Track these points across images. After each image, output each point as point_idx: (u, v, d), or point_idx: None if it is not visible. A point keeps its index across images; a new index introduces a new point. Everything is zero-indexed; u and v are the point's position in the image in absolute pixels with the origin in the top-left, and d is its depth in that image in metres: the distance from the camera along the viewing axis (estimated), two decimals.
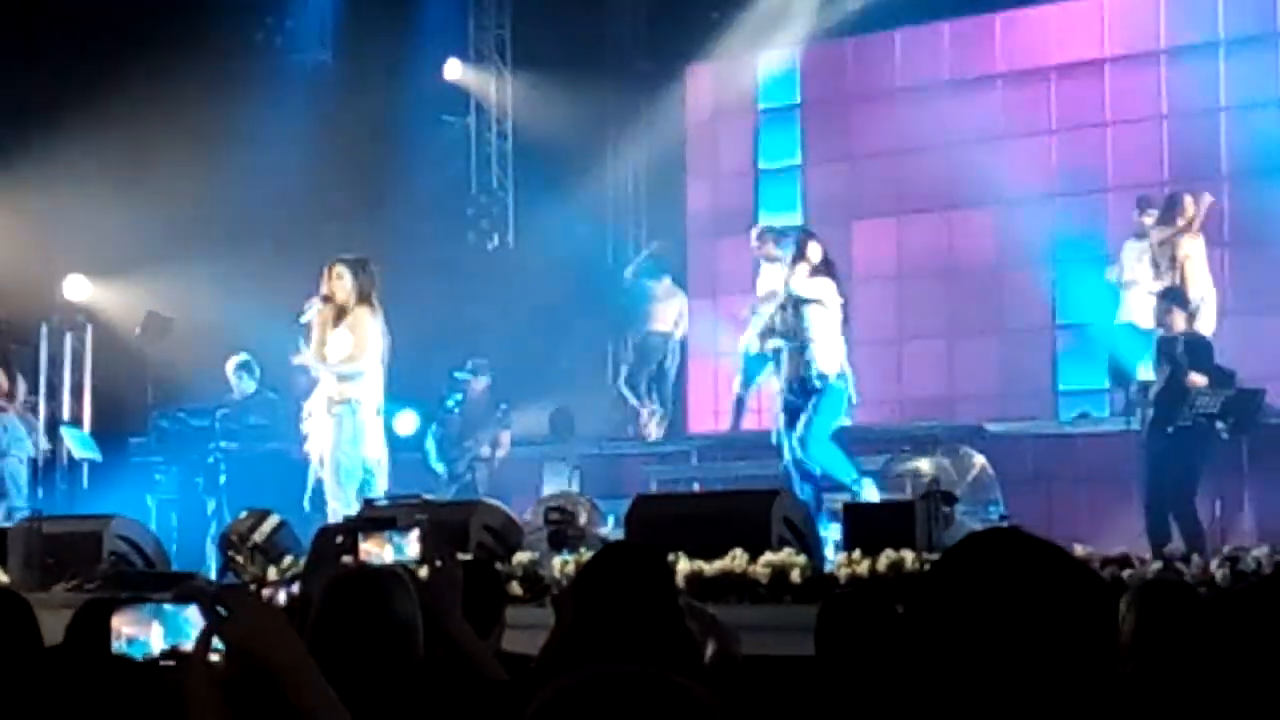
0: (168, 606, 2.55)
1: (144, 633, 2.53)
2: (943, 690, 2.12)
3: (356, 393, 10.94)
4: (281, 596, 5.73)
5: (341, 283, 11.01)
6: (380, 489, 10.93)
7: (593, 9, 16.91)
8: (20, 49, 14.26)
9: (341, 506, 10.62)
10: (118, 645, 2.52)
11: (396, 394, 11.43)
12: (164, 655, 2.49)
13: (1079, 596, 2.13)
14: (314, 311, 11.08)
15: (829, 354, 10.96)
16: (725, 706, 1.95)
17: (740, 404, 14.13)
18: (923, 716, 2.15)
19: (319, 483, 11.04)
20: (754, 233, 13.27)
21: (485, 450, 14.32)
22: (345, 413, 10.93)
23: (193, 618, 2.49)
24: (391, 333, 11.11)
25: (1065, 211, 14.63)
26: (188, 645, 2.46)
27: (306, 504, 11.17)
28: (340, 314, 11.02)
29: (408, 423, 14.43)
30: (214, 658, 2.41)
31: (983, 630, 2.11)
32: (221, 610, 2.42)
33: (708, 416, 15.70)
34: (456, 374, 14.59)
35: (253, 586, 8.79)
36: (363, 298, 10.99)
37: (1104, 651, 2.13)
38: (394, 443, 11.84)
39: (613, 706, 1.88)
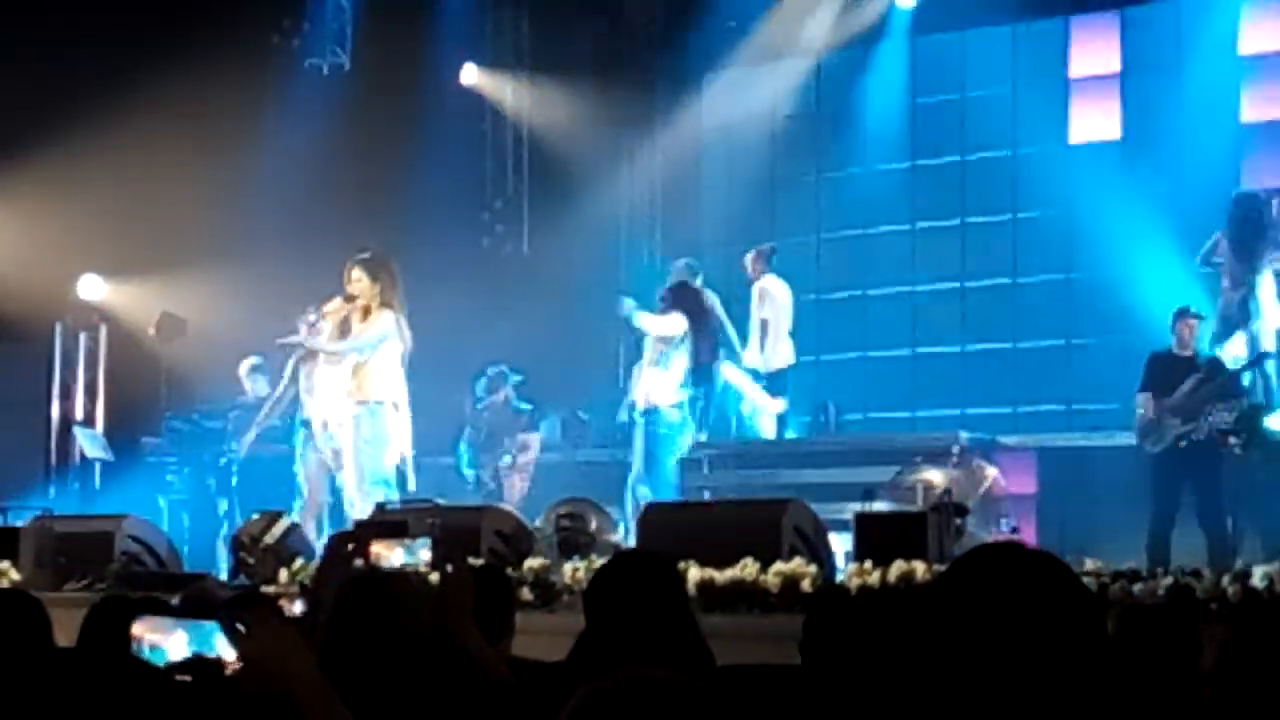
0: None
1: (165, 640, 2.54)
2: (942, 702, 2.14)
3: (375, 394, 10.88)
4: (298, 607, 5.73)
5: (360, 285, 10.98)
6: (411, 487, 10.90)
7: (610, 15, 16.92)
8: (36, 50, 14.28)
9: (367, 510, 10.49)
10: (139, 650, 2.53)
11: (410, 398, 11.40)
12: (184, 664, 2.50)
13: (1074, 611, 2.16)
14: (333, 306, 11.05)
15: None
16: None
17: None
18: None
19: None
20: (749, 256, 13.50)
21: (511, 459, 14.13)
22: (364, 414, 10.89)
23: (216, 629, 2.50)
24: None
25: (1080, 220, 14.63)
26: (210, 655, 2.48)
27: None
28: (363, 315, 10.98)
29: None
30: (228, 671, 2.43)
31: (982, 643, 2.13)
32: (240, 626, 2.43)
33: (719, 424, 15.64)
34: (477, 388, 14.42)
35: (268, 589, 8.78)
36: (384, 301, 10.94)
37: (1097, 665, 2.15)
38: (422, 446, 11.73)
39: (653, 711, 1.89)
